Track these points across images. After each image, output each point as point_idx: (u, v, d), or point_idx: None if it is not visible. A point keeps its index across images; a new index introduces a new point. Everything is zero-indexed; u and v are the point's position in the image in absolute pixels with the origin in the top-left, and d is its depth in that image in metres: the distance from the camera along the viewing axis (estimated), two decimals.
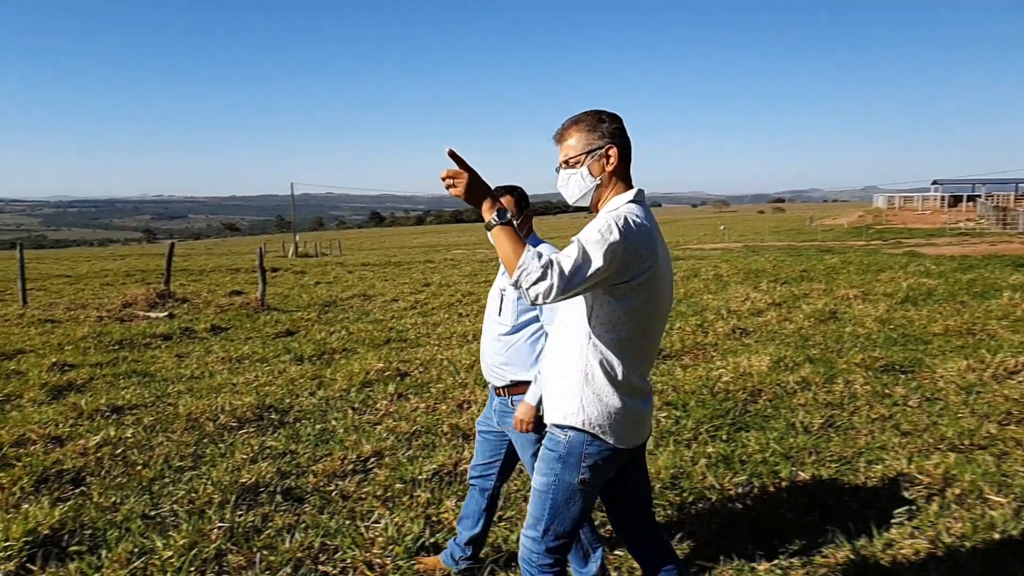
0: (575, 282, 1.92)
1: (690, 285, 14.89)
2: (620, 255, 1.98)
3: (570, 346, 2.16)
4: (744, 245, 35.78)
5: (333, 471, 4.39)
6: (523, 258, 1.93)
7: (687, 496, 3.89)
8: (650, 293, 2.10)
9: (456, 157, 2.03)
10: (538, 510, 2.21)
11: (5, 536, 3.39)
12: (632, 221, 2.03)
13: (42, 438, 5.08)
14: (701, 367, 6.79)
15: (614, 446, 2.13)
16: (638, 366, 2.17)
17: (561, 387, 2.17)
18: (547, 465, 2.18)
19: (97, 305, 14.44)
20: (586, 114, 2.23)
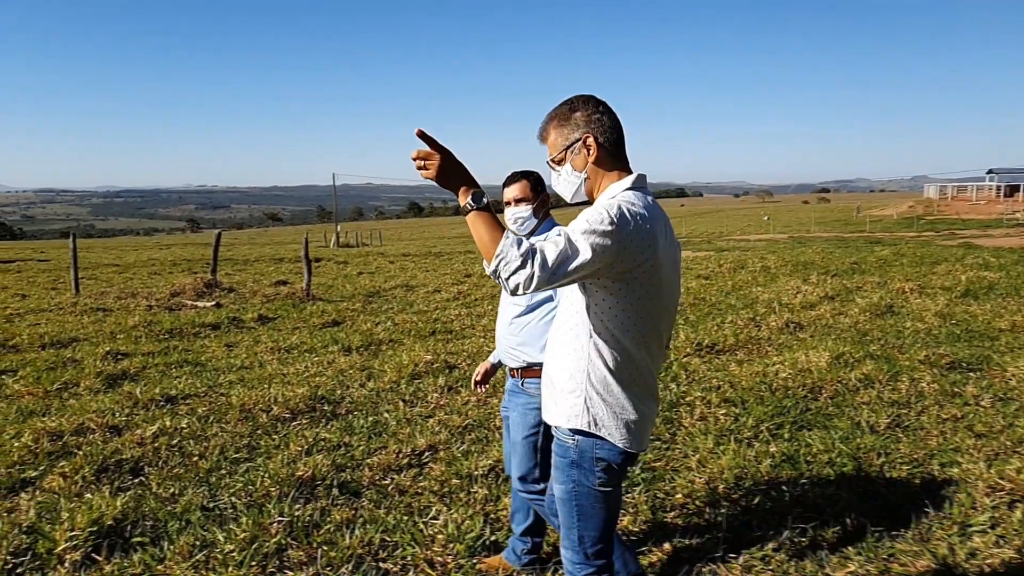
0: (560, 273, 1.79)
1: (737, 277, 14.62)
2: (612, 246, 1.84)
3: (570, 345, 2.05)
4: (790, 236, 35.15)
5: (388, 464, 4.35)
6: (501, 245, 1.80)
7: (752, 498, 3.76)
8: (651, 285, 1.97)
9: (427, 138, 1.88)
10: (568, 519, 2.12)
11: (71, 525, 3.40)
12: (626, 210, 1.89)
13: (100, 427, 5.13)
14: (756, 362, 6.62)
15: (623, 449, 2.03)
16: (644, 363, 2.04)
17: (563, 388, 2.07)
18: (563, 472, 2.10)
19: (146, 294, 14.67)
20: (559, 107, 2.10)
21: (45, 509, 3.79)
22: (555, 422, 2.10)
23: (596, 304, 1.97)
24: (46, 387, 6.65)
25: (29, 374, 7.26)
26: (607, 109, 2.06)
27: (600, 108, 2.06)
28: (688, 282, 14.25)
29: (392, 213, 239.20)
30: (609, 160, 2.06)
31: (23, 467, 4.48)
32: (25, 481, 4.28)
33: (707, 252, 24.39)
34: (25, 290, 17.53)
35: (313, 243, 44.22)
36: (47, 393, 6.52)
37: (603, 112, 2.05)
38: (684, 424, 4.98)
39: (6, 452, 4.69)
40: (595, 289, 1.96)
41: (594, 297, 1.97)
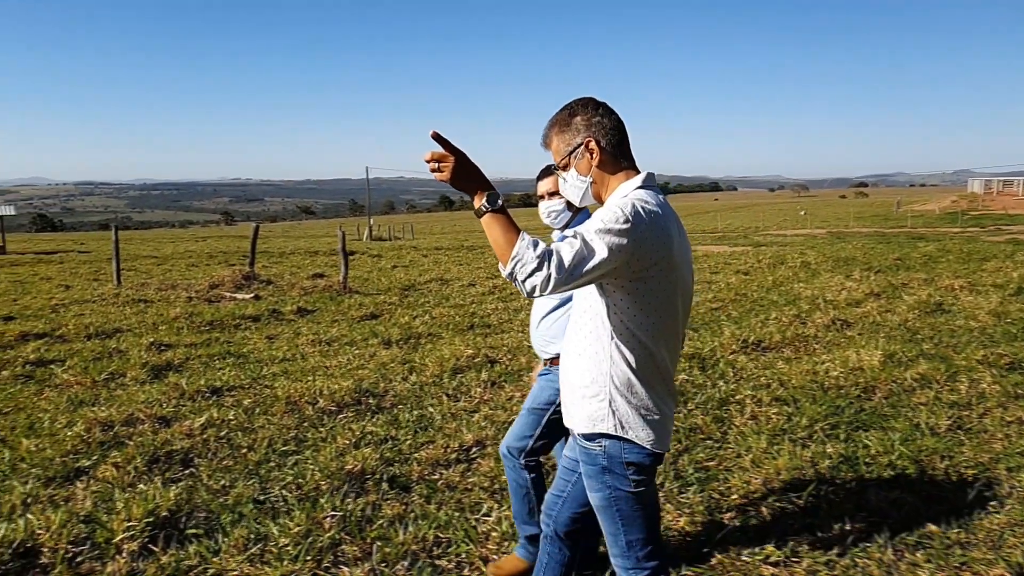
0: (577, 274, 1.77)
1: (778, 273, 14.40)
2: (628, 244, 1.82)
3: (591, 348, 2.01)
4: (828, 231, 34.60)
5: (436, 459, 4.32)
6: (517, 247, 1.78)
7: (812, 500, 3.66)
8: (668, 283, 1.95)
9: (441, 139, 1.85)
10: (611, 526, 2.09)
11: (128, 516, 3.42)
12: (641, 208, 1.87)
13: (150, 418, 5.17)
14: (805, 360, 6.49)
15: (651, 451, 2.00)
16: (664, 362, 2.02)
17: (585, 392, 2.03)
18: (597, 480, 2.06)
19: (186, 286, 14.85)
20: (559, 112, 2.08)
21: (101, 498, 3.83)
22: (579, 428, 2.06)
23: (615, 305, 1.95)
24: (94, 377, 6.74)
25: (77, 364, 7.37)
26: (607, 111, 2.05)
27: (600, 110, 2.04)
28: (727, 277, 14.06)
29: (423, 207, 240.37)
30: (613, 162, 2.04)
31: (77, 456, 4.53)
32: (79, 470, 4.32)
33: (744, 247, 24.09)
34: (68, 281, 17.88)
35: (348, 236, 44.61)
36: (95, 383, 6.61)
37: (603, 114, 2.04)
38: (735, 423, 4.88)
39: (60, 441, 4.74)
40: (613, 290, 1.93)
41: (612, 298, 1.95)
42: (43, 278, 18.90)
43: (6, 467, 4.42)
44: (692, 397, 5.44)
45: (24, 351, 7.90)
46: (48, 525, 3.39)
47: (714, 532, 3.37)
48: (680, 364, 6.38)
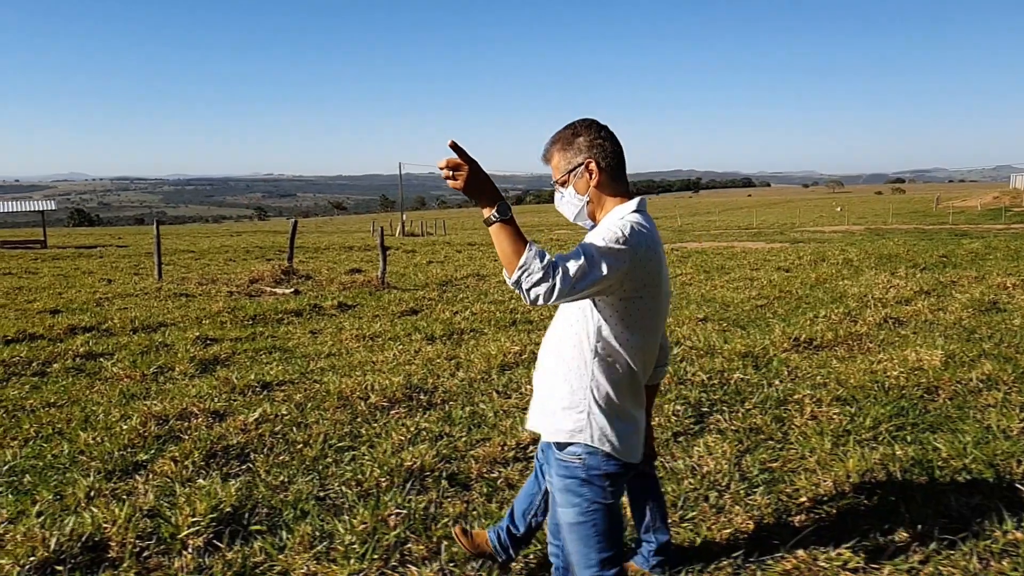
0: (580, 287, 1.85)
1: (820, 270, 14.12)
2: (626, 264, 1.92)
3: (574, 360, 2.07)
4: (866, 228, 34.04)
5: (493, 457, 4.26)
6: (524, 257, 1.84)
7: (885, 504, 3.54)
8: (653, 303, 2.04)
9: (458, 149, 1.89)
10: (584, 542, 2.10)
11: (192, 511, 3.41)
12: (638, 231, 1.97)
13: (203, 412, 5.19)
14: (859, 359, 6.33)
15: (626, 462, 2.08)
16: (639, 377, 2.11)
17: (564, 403, 2.08)
18: (574, 495, 2.08)
19: (226, 280, 15.01)
20: (563, 130, 2.16)
21: (162, 493, 3.83)
22: (553, 437, 2.09)
23: (603, 321, 2.01)
24: (143, 371, 6.80)
25: (125, 357, 7.44)
26: (609, 134, 2.12)
27: (602, 133, 2.12)
28: (769, 274, 13.86)
29: (453, 203, 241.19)
30: (611, 184, 2.12)
31: (134, 450, 4.55)
32: (137, 464, 4.34)
33: (782, 244, 23.76)
34: (110, 275, 18.16)
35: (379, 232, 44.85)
36: (144, 377, 6.67)
37: (605, 138, 2.11)
38: (795, 423, 4.76)
39: (117, 435, 4.77)
40: (603, 306, 2.01)
41: (602, 314, 2.01)
42: (85, 272, 19.22)
43: (66, 460, 4.45)
44: (749, 396, 5.32)
45: (73, 344, 8.00)
46: (114, 519, 3.39)
47: (786, 535, 3.27)
48: (733, 362, 6.26)
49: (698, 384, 5.62)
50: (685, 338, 7.46)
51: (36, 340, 8.34)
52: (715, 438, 4.49)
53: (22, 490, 4.01)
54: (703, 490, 3.74)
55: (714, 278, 13.97)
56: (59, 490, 3.92)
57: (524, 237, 1.88)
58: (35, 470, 4.30)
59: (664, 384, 5.55)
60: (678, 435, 4.62)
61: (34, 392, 6.20)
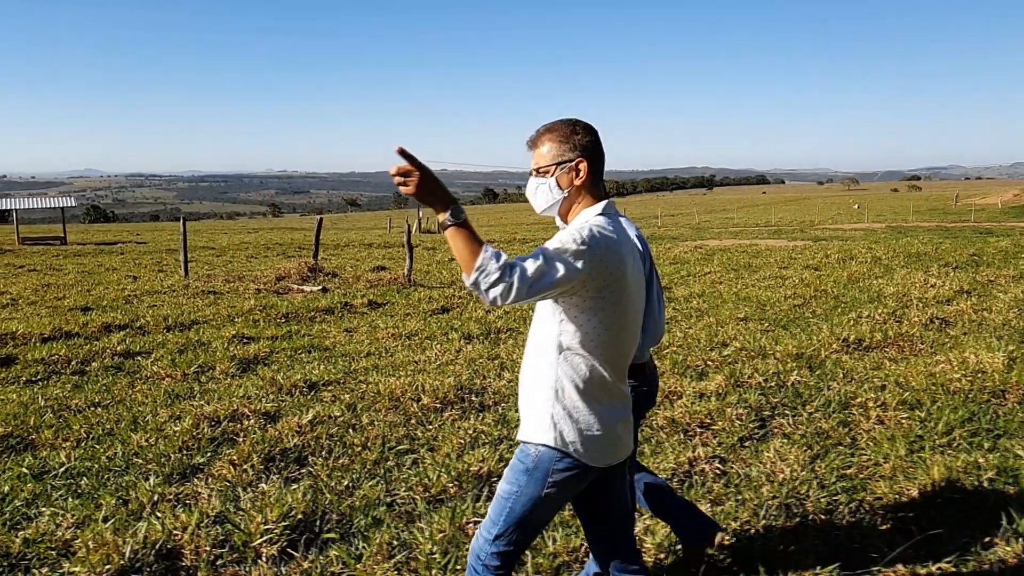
0: (538, 287, 1.87)
1: (851, 269, 13.93)
2: (585, 265, 1.93)
3: (540, 361, 2.10)
4: (887, 225, 33.70)
5: None
6: (480, 258, 1.86)
7: (979, 515, 3.42)
8: (619, 304, 2.05)
9: (406, 155, 1.92)
10: (496, 515, 2.17)
11: (265, 518, 3.33)
12: (597, 232, 1.99)
13: (254, 413, 5.12)
14: (913, 361, 6.19)
15: (585, 464, 2.08)
16: (612, 380, 2.11)
17: (532, 403, 2.12)
18: (514, 475, 2.14)
19: (253, 278, 14.98)
20: (561, 123, 2.18)
21: (226, 498, 3.75)
22: (522, 435, 2.14)
23: (567, 322, 2.03)
24: (183, 370, 6.75)
25: (163, 356, 7.40)
26: (599, 139, 2.18)
27: (597, 139, 2.17)
28: (799, 273, 13.70)
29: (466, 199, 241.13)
30: (590, 187, 2.16)
31: (190, 452, 4.48)
32: (195, 467, 4.27)
33: (805, 241, 23.53)
34: (133, 271, 18.21)
35: (395, 229, 44.71)
36: (185, 376, 6.61)
37: (597, 142, 2.17)
38: (862, 428, 4.63)
39: (170, 437, 4.70)
40: (566, 307, 2.02)
41: (565, 315, 2.03)
42: (108, 269, 19.28)
43: (121, 462, 4.39)
44: (809, 400, 5.20)
45: (110, 343, 7.97)
46: (184, 526, 3.32)
47: (879, 546, 3.16)
48: (786, 364, 6.14)
49: (756, 387, 5.49)
50: (732, 338, 7.33)
51: (72, 338, 8.32)
52: (782, 443, 4.37)
53: (81, 493, 3.95)
54: (783, 498, 3.62)
55: (743, 276, 13.83)
56: (121, 494, 3.85)
57: (479, 239, 1.91)
58: (91, 472, 4.24)
59: (721, 387, 5.44)
60: (744, 440, 4.50)
61: (76, 392, 6.16)
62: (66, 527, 3.45)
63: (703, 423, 4.75)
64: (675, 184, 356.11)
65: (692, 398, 5.20)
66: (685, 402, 5.12)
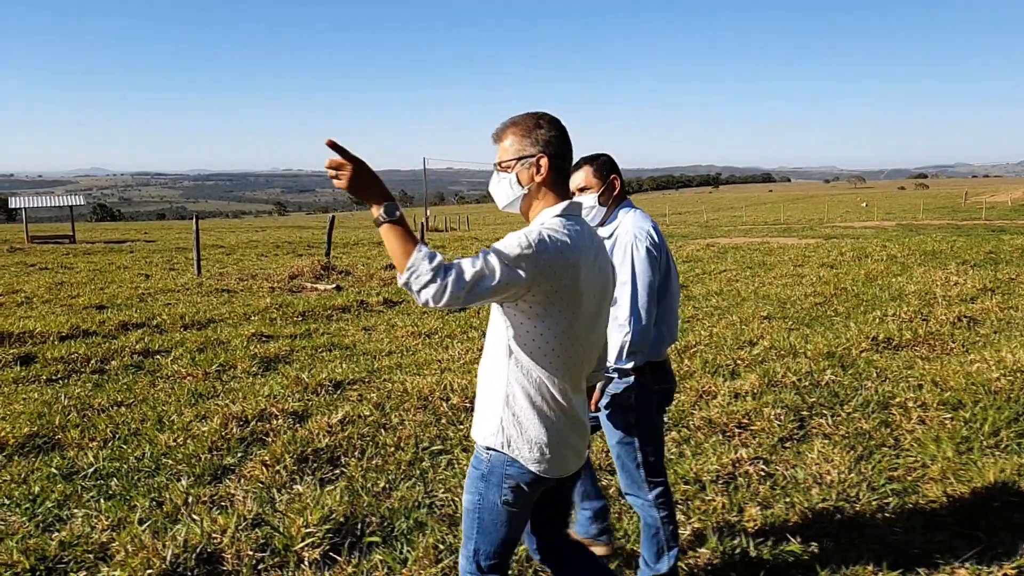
0: (477, 292, 1.80)
1: (867, 267, 13.81)
2: (530, 269, 1.85)
3: (493, 365, 2.05)
4: (897, 223, 33.52)
5: (598, 466, 4.08)
6: (412, 258, 1.79)
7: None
8: (570, 311, 1.97)
9: (337, 147, 1.86)
10: (468, 529, 2.13)
11: (305, 522, 3.25)
12: (548, 236, 1.91)
13: (282, 413, 5.04)
14: (945, 360, 6.09)
15: (535, 473, 2.02)
16: (562, 388, 2.03)
17: (484, 407, 2.08)
18: (472, 483, 2.10)
19: (266, 276, 14.91)
20: (525, 117, 2.10)
21: (261, 500, 3.68)
22: (476, 438, 2.10)
23: (515, 327, 1.97)
24: (204, 368, 6.68)
25: (183, 355, 7.33)
26: (566, 137, 2.08)
27: (561, 133, 2.08)
28: (815, 271, 13.59)
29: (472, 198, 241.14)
30: (552, 184, 2.07)
31: (219, 453, 4.41)
32: (226, 468, 4.20)
33: (816, 239, 23.39)
34: (145, 270, 18.15)
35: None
36: (207, 375, 6.54)
37: (561, 137, 2.07)
38: (904, 428, 4.54)
39: (199, 437, 4.63)
40: (514, 312, 1.96)
41: (513, 320, 1.97)
42: (119, 267, 19.22)
43: (150, 463, 4.32)
44: (846, 399, 5.10)
45: (128, 341, 7.90)
46: (223, 528, 3.25)
47: (941, 551, 3.07)
48: (818, 363, 6.04)
49: (790, 386, 5.40)
50: (759, 337, 7.23)
51: (90, 337, 8.26)
52: (824, 444, 4.28)
53: (112, 494, 3.88)
54: (833, 501, 3.53)
55: (760, 274, 13.73)
56: (154, 496, 3.78)
57: (414, 237, 1.84)
58: (120, 473, 4.17)
59: (756, 386, 5.35)
60: (784, 441, 4.41)
61: (98, 390, 6.09)
62: (101, 529, 3.38)
63: (741, 423, 4.66)
64: (681, 182, 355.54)
65: (727, 398, 5.11)
66: (720, 402, 5.03)
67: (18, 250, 26.00)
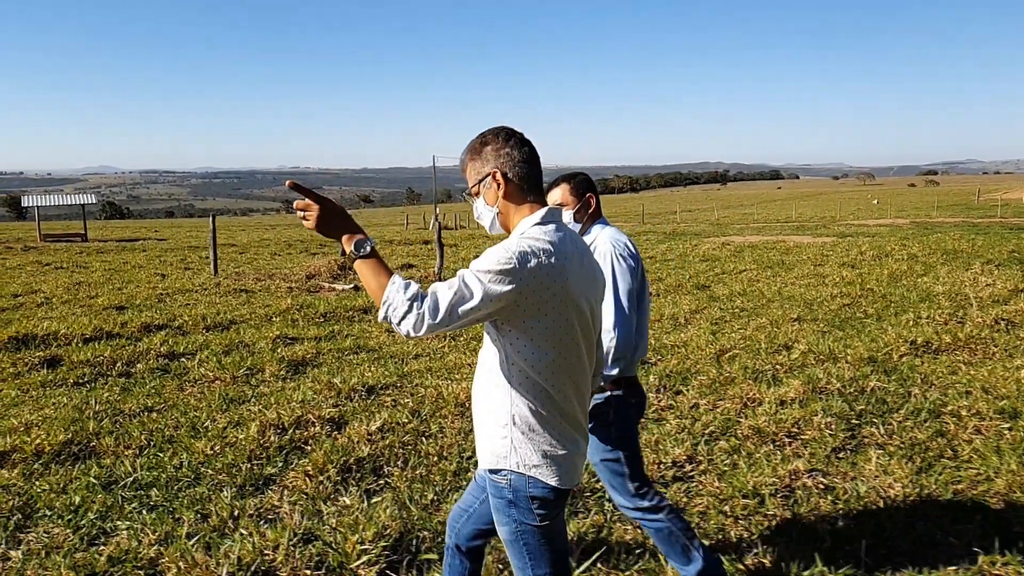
0: (457, 315, 1.78)
1: (890, 266, 13.65)
2: (513, 284, 1.81)
3: (490, 387, 2.01)
4: (912, 221, 33.24)
5: (649, 477, 3.97)
6: (387, 292, 1.80)
7: None
8: (563, 319, 1.92)
9: (301, 189, 1.88)
10: (519, 560, 2.06)
11: (360, 539, 3.16)
12: (528, 247, 1.87)
13: (319, 420, 4.95)
14: (991, 365, 5.95)
15: (555, 487, 1.99)
16: (565, 397, 1.99)
17: (489, 431, 2.03)
18: (503, 514, 2.04)
19: (283, 276, 14.85)
20: (473, 140, 2.09)
21: (308, 513, 3.59)
22: (483, 463, 2.06)
23: (511, 343, 1.93)
24: (232, 372, 6.60)
25: (209, 358, 7.25)
26: (519, 142, 2.04)
27: (511, 142, 2.03)
28: (837, 270, 13.45)
29: None
30: (519, 194, 2.03)
31: (260, 462, 4.32)
32: (267, 479, 4.11)
33: (830, 238, 23.20)
34: (160, 269, 18.11)
35: (412, 225, 44.64)
36: (235, 379, 6.46)
37: (513, 146, 2.03)
38: (960, 438, 4.42)
39: (237, 445, 4.54)
40: (508, 328, 1.92)
41: (508, 336, 1.93)
42: (134, 267, 19.19)
43: (189, 472, 4.24)
44: (895, 407, 4.99)
45: (152, 343, 7.83)
46: (275, 544, 3.16)
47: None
48: (860, 368, 5.92)
49: (835, 393, 5.28)
50: (792, 341, 7.11)
51: (113, 339, 8.19)
52: (879, 454, 4.16)
53: (154, 506, 3.79)
54: (902, 518, 3.42)
55: (780, 274, 13.59)
56: (198, 508, 3.69)
57: (388, 270, 1.84)
58: (160, 483, 4.08)
59: (800, 392, 5.24)
60: (837, 451, 4.30)
61: (126, 395, 6.02)
62: (149, 544, 3.29)
63: (790, 432, 4.55)
64: (688, 179, 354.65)
65: (773, 405, 4.99)
66: (767, 410, 4.91)
67: (32, 249, 26.01)
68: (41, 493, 3.92)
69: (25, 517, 3.67)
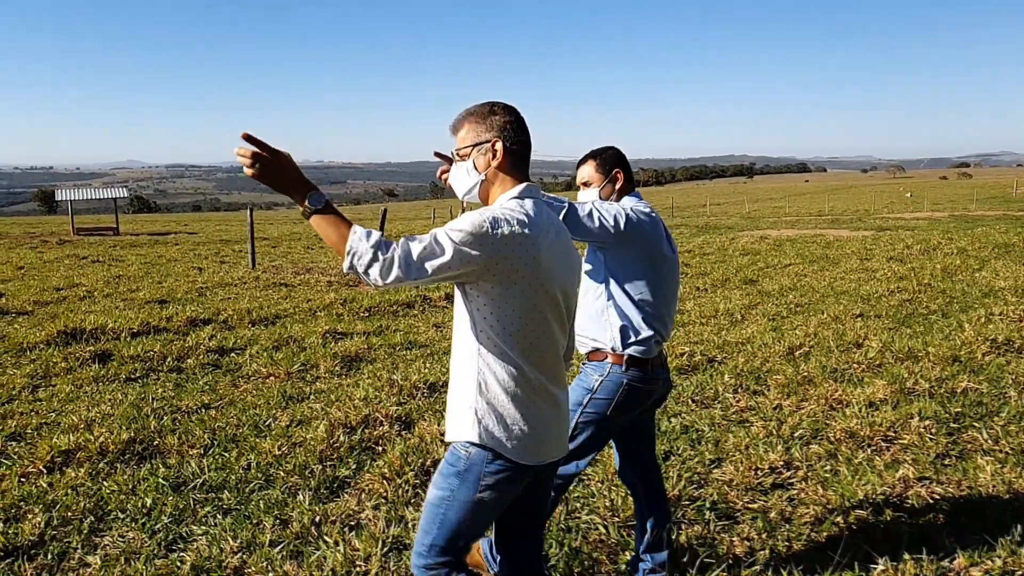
0: (424, 269, 1.77)
1: (942, 261, 13.27)
2: (483, 250, 1.81)
3: (462, 355, 1.99)
4: (950, 214, 32.59)
5: (746, 484, 3.75)
6: (350, 241, 1.77)
7: None
8: (532, 292, 1.90)
9: (252, 140, 1.80)
10: (428, 524, 2.02)
11: None
12: (502, 215, 1.88)
13: (387, 419, 4.78)
14: None
15: (516, 463, 1.94)
16: (534, 372, 1.96)
17: (457, 400, 2.00)
18: (444, 479, 2.00)
19: (321, 269, 14.77)
20: (479, 105, 2.09)
21: (393, 519, 3.41)
22: (450, 435, 2.01)
23: (479, 312, 1.92)
24: (286, 368, 6.46)
25: (259, 353, 7.12)
26: (521, 122, 2.08)
27: (516, 119, 2.07)
28: (886, 265, 13.10)
29: None
30: (509, 168, 2.05)
31: (331, 463, 4.15)
32: (342, 482, 3.94)
33: (870, 232, 22.74)
34: (194, 262, 18.11)
35: (439, 219, 44.49)
36: (290, 375, 6.32)
37: (518, 124, 2.06)
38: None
39: (305, 445, 4.38)
40: (475, 293, 1.91)
41: (476, 303, 1.92)
42: (169, 260, 19.22)
43: (259, 473, 4.08)
44: (996, 410, 4.72)
45: (200, 338, 7.71)
46: (365, 554, 2.98)
47: None
48: (946, 369, 5.63)
49: (924, 394, 5.02)
50: (863, 338, 6.84)
51: (161, 333, 8.11)
52: (988, 461, 3.91)
53: (227, 509, 3.64)
54: None
55: (827, 268, 13.27)
56: (277, 513, 3.53)
57: (347, 221, 1.81)
58: (230, 485, 3.93)
59: (887, 393, 4.98)
60: (941, 457, 4.04)
61: (180, 391, 5.90)
62: (231, 551, 3.14)
63: (886, 437, 4.30)
64: (715, 172, 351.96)
65: (862, 407, 4.74)
66: (856, 411, 4.66)
67: (66, 242, 26.24)
68: (111, 494, 3.79)
69: (97, 519, 3.54)
